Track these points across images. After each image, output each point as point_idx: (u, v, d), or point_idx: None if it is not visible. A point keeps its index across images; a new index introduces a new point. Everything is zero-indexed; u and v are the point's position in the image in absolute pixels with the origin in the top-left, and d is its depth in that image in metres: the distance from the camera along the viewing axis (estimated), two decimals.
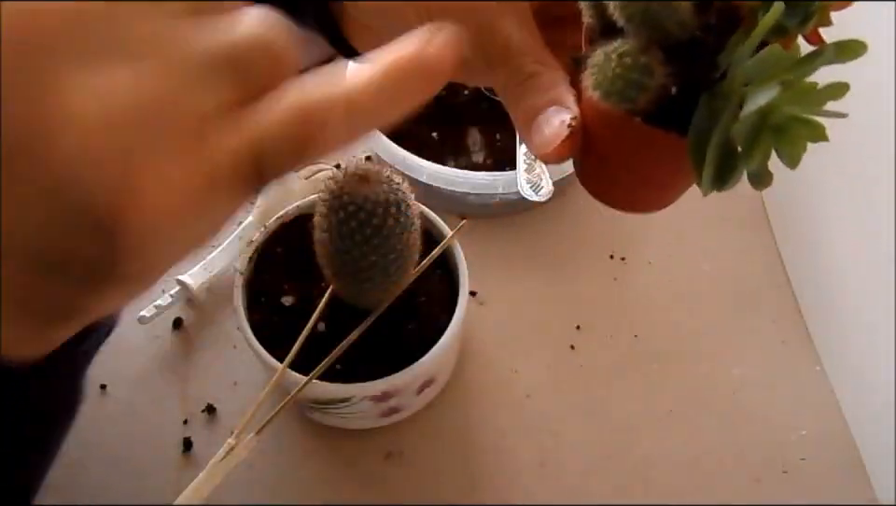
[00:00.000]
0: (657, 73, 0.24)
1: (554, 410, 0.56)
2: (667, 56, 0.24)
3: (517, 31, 0.32)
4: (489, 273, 0.63)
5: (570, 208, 0.67)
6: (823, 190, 0.58)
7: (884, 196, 0.50)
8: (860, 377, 0.55)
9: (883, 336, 0.51)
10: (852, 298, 0.55)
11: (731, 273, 0.63)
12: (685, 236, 0.51)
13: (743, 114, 0.23)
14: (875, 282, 0.51)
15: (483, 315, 0.61)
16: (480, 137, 0.71)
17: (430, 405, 0.56)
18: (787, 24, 0.24)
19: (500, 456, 0.54)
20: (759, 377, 0.58)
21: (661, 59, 0.24)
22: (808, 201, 0.61)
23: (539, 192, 0.59)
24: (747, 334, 0.60)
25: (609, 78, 0.25)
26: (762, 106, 0.22)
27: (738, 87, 0.23)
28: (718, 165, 0.25)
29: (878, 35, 0.50)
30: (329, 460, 0.54)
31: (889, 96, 0.49)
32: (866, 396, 0.54)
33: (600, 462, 0.54)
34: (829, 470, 0.54)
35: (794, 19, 0.24)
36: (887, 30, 0.49)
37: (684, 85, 0.25)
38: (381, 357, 0.50)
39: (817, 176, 0.59)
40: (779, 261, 0.64)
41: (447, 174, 0.60)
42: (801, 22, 0.24)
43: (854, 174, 0.54)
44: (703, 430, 0.56)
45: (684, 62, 0.25)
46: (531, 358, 0.59)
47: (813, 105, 0.25)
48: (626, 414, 0.56)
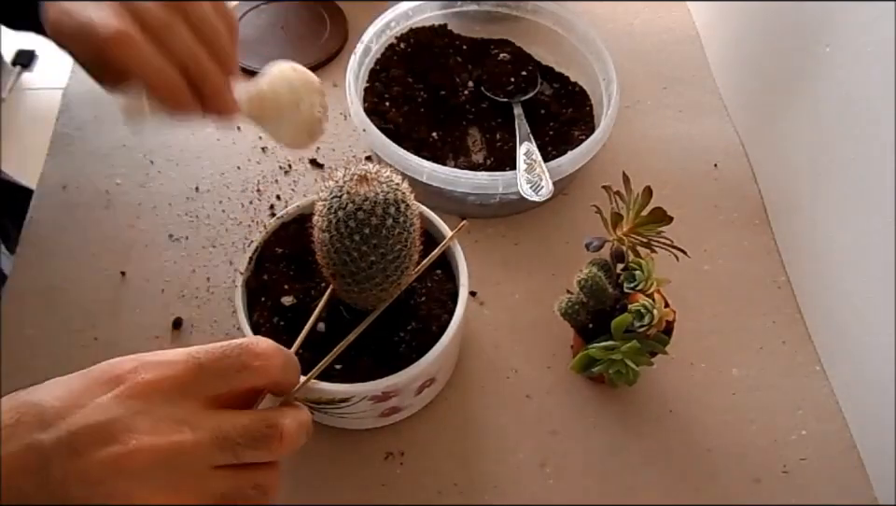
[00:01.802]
0: (582, 312, 0.53)
1: (554, 410, 0.56)
2: (596, 309, 0.53)
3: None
4: (489, 273, 0.63)
5: (570, 208, 0.67)
6: (823, 190, 0.58)
7: (884, 196, 0.50)
8: (860, 377, 0.55)
9: (883, 336, 0.51)
10: (852, 298, 0.55)
11: (731, 273, 0.63)
12: (685, 237, 0.51)
13: (603, 345, 0.51)
14: (875, 282, 0.51)
15: (483, 315, 0.61)
16: (480, 137, 0.71)
17: (430, 405, 0.56)
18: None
19: (500, 456, 0.54)
20: (759, 377, 0.58)
21: (590, 308, 0.53)
22: (808, 201, 0.61)
23: (539, 192, 0.59)
24: (747, 334, 0.60)
25: (566, 306, 0.53)
26: (610, 350, 0.51)
27: (616, 331, 0.51)
28: (587, 363, 0.53)
29: (878, 35, 0.50)
30: (329, 460, 0.54)
31: (888, 97, 0.49)
32: (866, 396, 0.54)
33: (600, 462, 0.54)
34: (829, 470, 0.54)
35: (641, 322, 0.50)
36: (887, 30, 0.49)
37: (599, 318, 0.53)
38: (381, 356, 0.50)
39: (817, 176, 0.59)
40: (779, 261, 0.64)
41: (447, 174, 0.60)
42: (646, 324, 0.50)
43: (854, 174, 0.54)
44: (703, 430, 0.56)
45: (606, 310, 0.53)
46: (531, 358, 0.59)
47: (638, 357, 0.51)
48: (626, 414, 0.56)
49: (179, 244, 0.64)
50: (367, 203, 0.43)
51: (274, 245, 0.55)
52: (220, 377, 0.35)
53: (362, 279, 0.46)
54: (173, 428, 0.32)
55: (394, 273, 0.46)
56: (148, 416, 0.32)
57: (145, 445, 0.31)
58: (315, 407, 0.50)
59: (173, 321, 0.60)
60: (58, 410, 0.32)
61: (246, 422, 0.35)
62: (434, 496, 0.52)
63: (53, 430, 0.31)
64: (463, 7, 0.75)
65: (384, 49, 0.73)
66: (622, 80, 0.67)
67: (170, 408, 0.33)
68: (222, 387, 0.35)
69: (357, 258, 0.44)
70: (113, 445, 0.31)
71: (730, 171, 0.70)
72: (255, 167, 0.69)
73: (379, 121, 0.66)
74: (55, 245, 0.64)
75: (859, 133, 0.54)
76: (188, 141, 0.71)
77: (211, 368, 0.35)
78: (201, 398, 0.34)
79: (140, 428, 0.32)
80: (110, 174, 0.69)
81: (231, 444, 0.34)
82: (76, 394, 0.33)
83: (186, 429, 0.33)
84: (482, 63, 0.74)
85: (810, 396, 0.57)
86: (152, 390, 0.33)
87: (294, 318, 0.52)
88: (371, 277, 0.46)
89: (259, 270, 0.54)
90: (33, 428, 0.31)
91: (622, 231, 0.51)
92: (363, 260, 0.45)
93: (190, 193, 0.68)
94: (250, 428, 0.34)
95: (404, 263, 0.46)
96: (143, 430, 0.32)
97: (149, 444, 0.31)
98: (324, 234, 0.45)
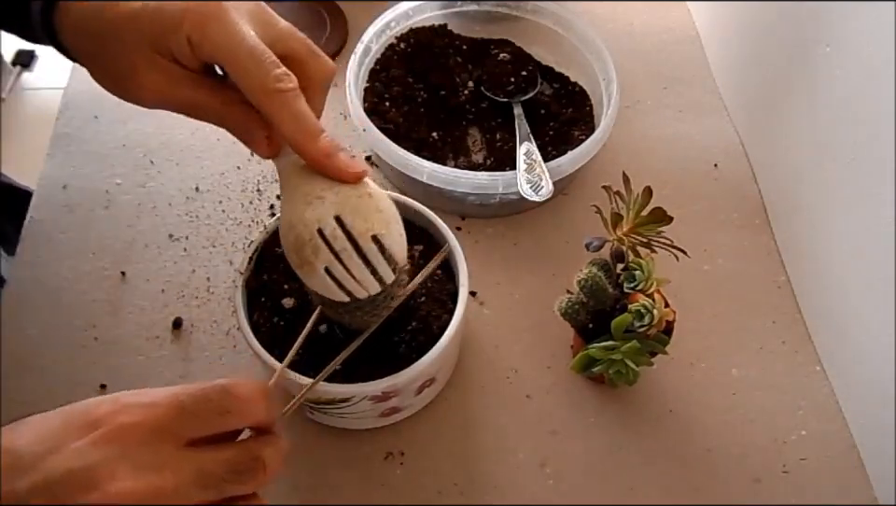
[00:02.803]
0: (582, 312, 0.53)
1: (554, 410, 0.56)
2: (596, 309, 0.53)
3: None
4: (489, 273, 0.63)
5: (570, 208, 0.67)
6: (823, 191, 0.58)
7: (884, 196, 0.50)
8: (860, 377, 0.55)
9: (883, 336, 0.51)
10: (852, 298, 0.55)
11: (731, 273, 0.63)
12: (685, 237, 0.51)
13: (603, 345, 0.51)
14: (875, 282, 0.51)
15: (483, 315, 0.61)
16: (480, 137, 0.71)
17: (430, 405, 0.56)
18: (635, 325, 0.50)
19: (500, 456, 0.54)
20: (759, 377, 0.58)
21: (590, 308, 0.53)
22: (808, 201, 0.61)
23: (539, 192, 0.59)
24: (747, 334, 0.60)
25: (566, 306, 0.53)
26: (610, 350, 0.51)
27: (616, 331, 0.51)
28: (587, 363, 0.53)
29: (878, 35, 0.50)
30: (329, 460, 0.54)
31: (888, 97, 0.49)
32: (866, 396, 0.54)
33: (600, 462, 0.54)
34: (829, 470, 0.54)
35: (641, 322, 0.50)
36: (887, 30, 0.49)
37: (599, 318, 0.53)
38: (381, 356, 0.50)
39: (817, 177, 0.59)
40: (779, 261, 0.64)
41: (447, 174, 0.60)
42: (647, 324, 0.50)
43: (854, 174, 0.54)
44: (703, 430, 0.56)
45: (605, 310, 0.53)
46: (531, 358, 0.59)
47: (638, 357, 0.51)
48: (626, 414, 0.56)
49: (179, 244, 0.64)
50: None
51: (274, 246, 0.55)
52: (202, 420, 0.34)
53: (352, 309, 0.45)
54: (153, 472, 0.32)
55: (384, 300, 0.45)
56: (127, 461, 0.31)
57: (125, 490, 0.31)
58: (315, 407, 0.50)
59: (173, 321, 0.60)
60: (35, 454, 0.31)
61: (229, 456, 0.34)
62: (434, 496, 0.52)
63: (30, 477, 0.31)
64: (463, 7, 0.75)
65: (384, 49, 0.73)
66: (622, 80, 0.67)
67: (150, 451, 0.32)
68: (203, 430, 0.34)
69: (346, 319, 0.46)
70: (93, 492, 0.30)
71: (730, 171, 0.70)
72: (255, 167, 0.69)
73: (379, 121, 0.66)
74: (55, 245, 0.64)
75: (859, 132, 0.54)
76: (188, 141, 0.71)
77: (192, 411, 0.34)
78: (181, 440, 0.33)
79: (119, 473, 0.31)
80: (110, 174, 0.69)
81: (216, 481, 0.33)
82: (53, 437, 0.32)
83: (167, 473, 0.32)
84: (482, 63, 0.74)
85: (810, 396, 0.57)
86: (130, 434, 0.32)
87: (294, 319, 0.52)
88: (361, 307, 0.45)
89: (258, 270, 0.54)
90: (10, 474, 0.31)
91: (622, 231, 0.51)
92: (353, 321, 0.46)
93: (190, 193, 0.68)
94: (233, 462, 0.34)
95: (395, 292, 0.46)
96: (122, 476, 0.31)
97: (130, 489, 0.31)
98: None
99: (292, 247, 0.41)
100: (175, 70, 0.41)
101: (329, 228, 0.40)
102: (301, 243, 0.40)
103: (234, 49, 0.39)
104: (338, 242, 0.40)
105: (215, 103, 0.42)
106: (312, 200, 0.40)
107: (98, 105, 0.73)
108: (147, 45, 0.40)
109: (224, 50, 0.39)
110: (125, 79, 0.41)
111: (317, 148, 0.40)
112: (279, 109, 0.39)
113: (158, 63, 0.40)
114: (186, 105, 0.42)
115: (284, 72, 0.39)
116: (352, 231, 0.40)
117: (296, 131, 0.40)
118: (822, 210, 0.59)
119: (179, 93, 0.41)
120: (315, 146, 0.40)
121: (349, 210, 0.40)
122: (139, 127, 0.72)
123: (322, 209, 0.40)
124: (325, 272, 0.40)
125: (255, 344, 0.48)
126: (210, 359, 0.58)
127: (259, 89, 0.39)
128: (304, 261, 0.41)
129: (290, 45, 0.42)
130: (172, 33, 0.39)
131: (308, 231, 0.40)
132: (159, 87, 0.41)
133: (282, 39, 0.42)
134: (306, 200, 0.41)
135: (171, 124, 0.72)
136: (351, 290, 0.41)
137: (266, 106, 0.39)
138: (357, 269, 0.41)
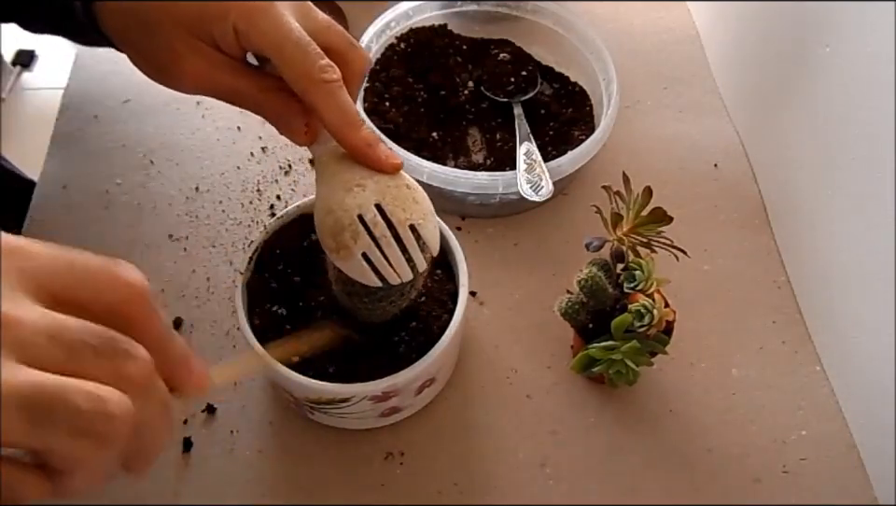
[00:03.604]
0: (582, 312, 0.53)
1: (554, 410, 0.56)
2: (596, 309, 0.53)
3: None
4: (489, 273, 0.63)
5: (570, 208, 0.67)
6: (823, 191, 0.58)
7: (884, 196, 0.50)
8: (860, 377, 0.55)
9: (883, 336, 0.51)
10: (852, 298, 0.55)
11: (731, 273, 0.63)
12: (685, 237, 0.51)
13: (603, 345, 0.51)
14: (875, 282, 0.51)
15: (483, 315, 0.61)
16: (480, 137, 0.71)
17: (430, 405, 0.56)
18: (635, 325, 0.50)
19: (500, 456, 0.54)
20: (759, 377, 0.58)
21: (590, 308, 0.53)
22: (808, 201, 0.61)
23: (539, 192, 0.59)
24: (747, 334, 0.60)
25: (566, 306, 0.53)
26: (610, 350, 0.51)
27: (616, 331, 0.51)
28: (587, 363, 0.53)
29: (878, 35, 0.50)
30: (328, 460, 0.54)
31: (888, 97, 0.49)
32: (866, 396, 0.54)
33: (600, 462, 0.54)
34: (829, 470, 0.54)
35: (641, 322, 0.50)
36: (887, 30, 0.49)
37: (599, 318, 0.53)
38: (381, 356, 0.50)
39: (817, 177, 0.59)
40: (779, 261, 0.64)
41: (447, 174, 0.60)
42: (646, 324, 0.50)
43: (854, 174, 0.54)
44: (703, 430, 0.56)
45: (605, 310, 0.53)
46: (531, 358, 0.59)
47: (638, 357, 0.51)
48: (626, 414, 0.56)
49: (179, 244, 0.64)
50: None
51: (274, 246, 0.55)
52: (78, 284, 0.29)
53: (374, 300, 0.46)
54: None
55: (407, 291, 0.47)
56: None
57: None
58: (315, 407, 0.50)
59: (173, 321, 0.60)
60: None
61: (99, 330, 0.27)
62: (434, 496, 0.52)
63: None
64: (463, 7, 0.75)
65: (384, 49, 0.73)
66: (622, 80, 0.67)
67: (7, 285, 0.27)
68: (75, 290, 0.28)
69: (366, 309, 0.47)
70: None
71: (730, 171, 0.70)
72: (255, 167, 0.69)
73: (379, 121, 0.66)
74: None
75: (859, 133, 0.54)
76: (188, 141, 0.71)
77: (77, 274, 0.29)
78: (44, 290, 0.28)
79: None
80: (110, 174, 0.69)
81: (70, 340, 0.26)
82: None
83: (16, 302, 0.26)
84: (482, 63, 0.74)
85: (810, 396, 0.57)
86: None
87: (294, 319, 0.52)
88: (383, 298, 0.46)
89: (259, 270, 0.54)
90: None
91: (622, 231, 0.52)
92: (373, 311, 0.47)
93: (190, 193, 0.68)
94: (100, 332, 0.27)
95: (417, 284, 0.47)
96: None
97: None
98: (337, 284, 0.47)
99: (329, 232, 0.42)
100: (216, 56, 0.42)
101: (369, 214, 0.41)
102: (341, 228, 0.41)
103: (282, 40, 0.40)
104: (378, 228, 0.41)
105: (254, 90, 0.42)
106: (352, 187, 0.42)
107: (98, 105, 0.73)
108: (188, 31, 0.41)
109: (271, 41, 0.40)
110: (167, 66, 0.42)
111: (360, 138, 0.42)
112: (324, 99, 0.40)
113: (200, 49, 0.41)
114: (226, 91, 0.43)
115: (328, 63, 0.41)
116: (391, 219, 0.42)
117: (340, 120, 0.41)
118: (822, 210, 0.59)
119: (220, 80, 0.42)
120: (357, 135, 0.42)
121: (389, 199, 0.42)
122: (139, 127, 0.72)
123: (362, 197, 0.42)
124: (362, 257, 0.41)
125: (255, 344, 0.48)
126: (210, 359, 0.58)
127: (306, 78, 0.40)
128: (342, 246, 0.41)
129: (330, 37, 0.43)
130: (217, 21, 0.40)
131: (348, 217, 0.41)
132: (200, 73, 0.41)
133: (322, 31, 0.43)
134: (346, 187, 0.42)
135: (171, 124, 0.72)
136: (386, 276, 0.42)
137: (311, 96, 0.40)
138: (394, 256, 0.42)
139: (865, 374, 0.54)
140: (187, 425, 0.55)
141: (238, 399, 0.56)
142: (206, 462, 0.54)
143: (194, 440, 0.54)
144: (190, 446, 0.54)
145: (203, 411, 0.56)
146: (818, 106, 0.59)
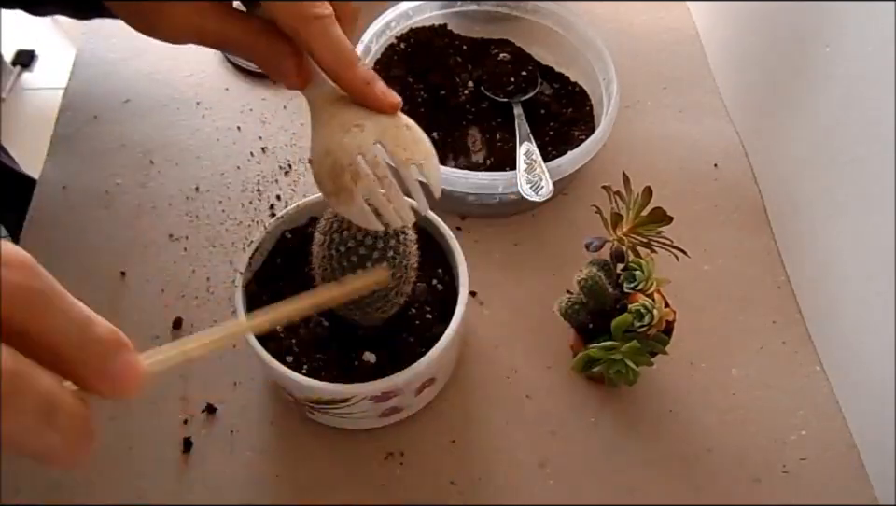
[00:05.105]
0: (582, 312, 0.53)
1: (554, 410, 0.56)
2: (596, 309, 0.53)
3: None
4: (489, 273, 0.63)
5: (570, 208, 0.67)
6: (823, 191, 0.58)
7: (884, 196, 0.50)
8: (860, 377, 0.55)
9: (883, 336, 0.51)
10: (852, 298, 0.55)
11: (731, 273, 0.63)
12: (685, 237, 0.51)
13: (603, 345, 0.52)
14: (875, 282, 0.51)
15: (483, 315, 0.61)
16: (480, 137, 0.71)
17: (430, 405, 0.56)
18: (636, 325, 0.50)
19: (500, 456, 0.54)
20: (759, 377, 0.58)
21: (590, 308, 0.53)
22: (808, 201, 0.61)
23: (539, 192, 0.59)
24: (747, 334, 0.60)
25: (566, 306, 0.53)
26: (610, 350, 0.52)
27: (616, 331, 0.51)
28: (587, 363, 0.53)
29: (878, 35, 0.50)
30: (329, 460, 0.54)
31: (888, 96, 0.49)
32: (866, 396, 0.54)
33: (600, 462, 0.54)
34: (829, 470, 0.54)
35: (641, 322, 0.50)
36: (887, 30, 0.49)
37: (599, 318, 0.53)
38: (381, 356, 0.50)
39: (817, 177, 0.59)
40: (779, 261, 0.64)
41: (447, 174, 0.60)
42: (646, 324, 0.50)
43: (854, 174, 0.54)
44: (703, 430, 0.56)
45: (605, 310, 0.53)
46: (531, 358, 0.59)
47: (638, 357, 0.51)
48: (626, 414, 0.56)
49: (179, 244, 0.64)
50: (368, 239, 0.44)
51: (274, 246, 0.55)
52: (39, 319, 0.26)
53: (363, 305, 0.46)
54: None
55: (395, 296, 0.47)
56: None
57: None
58: (315, 407, 0.50)
59: (173, 321, 0.60)
60: None
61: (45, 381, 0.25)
62: (434, 496, 0.52)
63: None
64: (463, 7, 0.75)
65: (384, 49, 0.73)
66: (622, 80, 0.67)
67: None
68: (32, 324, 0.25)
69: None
70: None
71: (730, 171, 0.70)
72: (255, 167, 0.69)
73: None
74: (55, 245, 0.64)
75: (859, 133, 0.54)
76: (188, 141, 0.71)
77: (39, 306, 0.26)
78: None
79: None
80: (110, 174, 0.69)
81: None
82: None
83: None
84: (482, 63, 0.74)
85: (810, 396, 0.57)
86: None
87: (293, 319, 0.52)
88: (373, 303, 0.46)
89: (259, 270, 0.54)
90: None
91: (622, 231, 0.52)
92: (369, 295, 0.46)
93: (190, 193, 0.68)
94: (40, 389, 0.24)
95: (404, 287, 0.47)
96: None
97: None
98: (324, 268, 0.46)
99: (328, 174, 0.40)
100: (202, 2, 0.40)
101: (369, 154, 0.39)
102: (340, 169, 0.39)
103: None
104: (380, 168, 0.40)
105: (243, 33, 0.41)
106: (350, 128, 0.40)
107: (98, 105, 0.73)
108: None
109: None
110: (153, 14, 0.40)
111: (356, 75, 0.40)
112: (318, 36, 0.39)
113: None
114: (214, 37, 0.41)
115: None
116: (393, 159, 0.40)
117: (335, 57, 0.39)
118: (822, 210, 0.59)
119: (207, 25, 0.41)
120: (354, 72, 0.40)
121: (389, 138, 0.40)
122: (139, 127, 0.72)
123: (362, 137, 0.40)
124: (363, 198, 0.40)
125: (255, 344, 0.48)
126: (210, 359, 0.58)
127: (297, 15, 0.38)
128: (342, 188, 0.39)
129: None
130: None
131: (348, 157, 0.39)
132: (187, 19, 0.40)
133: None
134: (344, 128, 0.40)
135: (171, 124, 0.72)
136: (388, 218, 0.41)
137: (303, 33, 0.39)
138: (396, 197, 0.41)
139: (865, 374, 0.54)
140: (187, 425, 0.55)
141: (238, 399, 0.56)
142: (206, 462, 0.54)
143: (194, 440, 0.54)
144: (190, 446, 0.54)
145: (203, 411, 0.56)
146: (818, 106, 0.59)
